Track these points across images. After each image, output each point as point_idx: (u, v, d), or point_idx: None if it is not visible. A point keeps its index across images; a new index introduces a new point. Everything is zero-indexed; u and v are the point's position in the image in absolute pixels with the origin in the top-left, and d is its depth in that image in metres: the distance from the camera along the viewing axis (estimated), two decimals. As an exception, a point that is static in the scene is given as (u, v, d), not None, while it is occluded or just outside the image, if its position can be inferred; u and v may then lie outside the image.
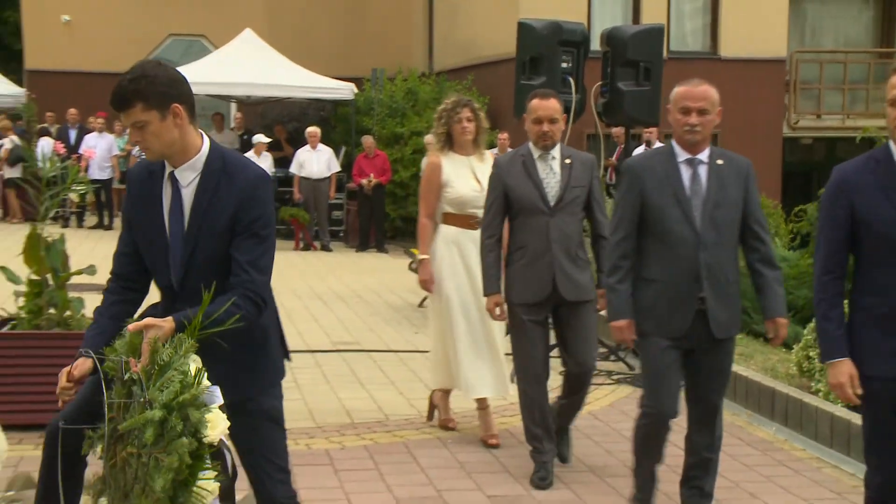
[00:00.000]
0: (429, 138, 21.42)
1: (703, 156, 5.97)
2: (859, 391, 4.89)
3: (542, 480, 7.04)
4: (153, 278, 4.56)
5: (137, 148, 22.91)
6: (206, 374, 3.90)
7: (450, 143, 8.03)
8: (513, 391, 7.87)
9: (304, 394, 9.51)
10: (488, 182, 7.38)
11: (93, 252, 17.47)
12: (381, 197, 21.76)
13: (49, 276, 8.38)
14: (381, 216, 21.99)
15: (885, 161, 5.09)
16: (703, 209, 5.93)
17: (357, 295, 15.77)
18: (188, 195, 4.30)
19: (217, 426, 3.84)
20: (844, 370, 4.93)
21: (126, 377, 3.86)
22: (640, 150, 17.60)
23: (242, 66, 23.59)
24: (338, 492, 7.00)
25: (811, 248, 11.53)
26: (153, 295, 4.64)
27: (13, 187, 23.68)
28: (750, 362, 10.12)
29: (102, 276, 16.71)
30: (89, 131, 24.92)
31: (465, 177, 8.02)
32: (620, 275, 6.10)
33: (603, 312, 6.96)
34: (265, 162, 21.59)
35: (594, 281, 7.29)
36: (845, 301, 5.14)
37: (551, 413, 7.45)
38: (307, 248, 21.75)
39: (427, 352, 11.35)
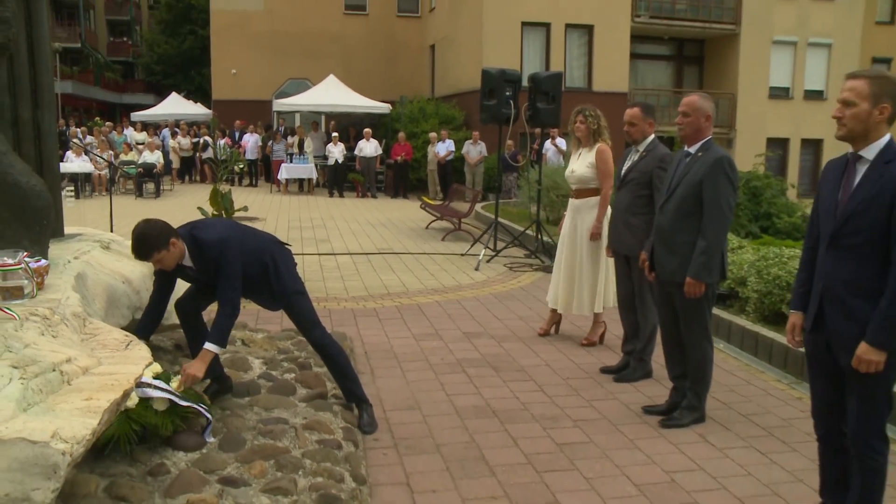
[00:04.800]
0: (432, 135, 21.47)
1: (693, 149, 4.73)
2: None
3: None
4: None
5: (271, 142, 23.23)
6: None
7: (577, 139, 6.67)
8: (596, 310, 6.68)
9: (361, 277, 9.54)
10: None
11: (246, 199, 17.77)
12: (406, 167, 21.77)
13: (223, 212, 8.56)
14: (406, 178, 21.96)
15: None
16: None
17: (391, 221, 15.61)
18: (194, 270, 4.33)
19: (162, 403, 3.81)
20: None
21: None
22: (548, 142, 17.60)
23: (328, 95, 23.59)
24: (380, 330, 7.09)
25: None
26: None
27: (207, 163, 23.66)
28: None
29: (253, 212, 16.66)
30: (245, 132, 24.89)
31: (572, 162, 6.65)
32: None
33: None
34: (338, 148, 21.74)
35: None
36: None
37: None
38: (363, 196, 21.65)
39: (431, 254, 11.41)
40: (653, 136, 5.72)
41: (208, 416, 4.09)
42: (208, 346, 4.14)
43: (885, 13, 30.69)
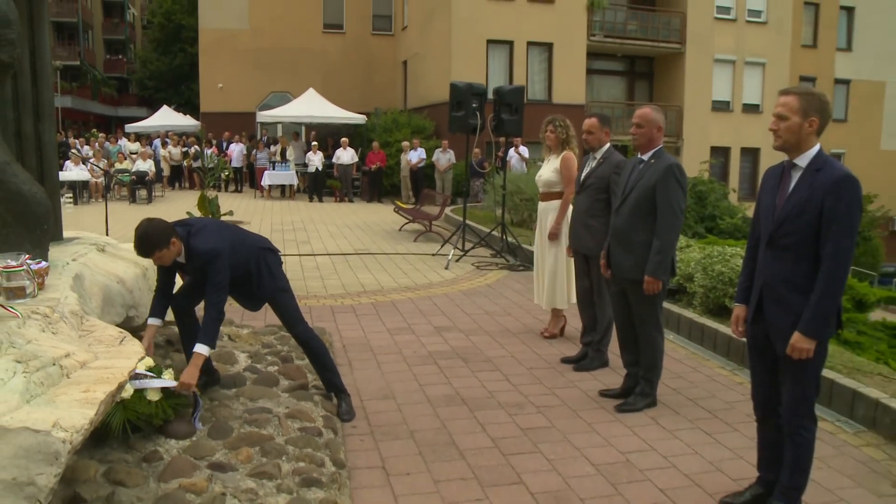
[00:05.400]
0: (405, 143, 21.42)
1: (646, 156, 4.77)
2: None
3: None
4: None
5: (255, 151, 23.06)
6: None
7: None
8: (557, 306, 6.60)
9: (339, 276, 9.43)
10: None
11: (232, 204, 17.50)
12: (380, 174, 21.71)
13: (210, 216, 8.47)
14: (380, 184, 21.90)
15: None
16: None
17: (366, 224, 15.46)
18: (187, 267, 4.27)
19: (155, 394, 3.84)
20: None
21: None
22: (512, 150, 17.61)
23: (308, 107, 23.48)
24: (356, 324, 7.04)
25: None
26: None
27: (196, 171, 23.43)
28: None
29: (238, 216, 16.41)
30: (231, 142, 24.66)
31: (543, 168, 6.51)
32: None
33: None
34: (317, 156, 21.58)
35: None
36: None
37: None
38: (341, 201, 21.53)
39: (404, 254, 11.33)
40: (609, 145, 5.73)
41: (200, 400, 4.07)
42: (199, 348, 4.06)
43: (808, 38, 31.79)
